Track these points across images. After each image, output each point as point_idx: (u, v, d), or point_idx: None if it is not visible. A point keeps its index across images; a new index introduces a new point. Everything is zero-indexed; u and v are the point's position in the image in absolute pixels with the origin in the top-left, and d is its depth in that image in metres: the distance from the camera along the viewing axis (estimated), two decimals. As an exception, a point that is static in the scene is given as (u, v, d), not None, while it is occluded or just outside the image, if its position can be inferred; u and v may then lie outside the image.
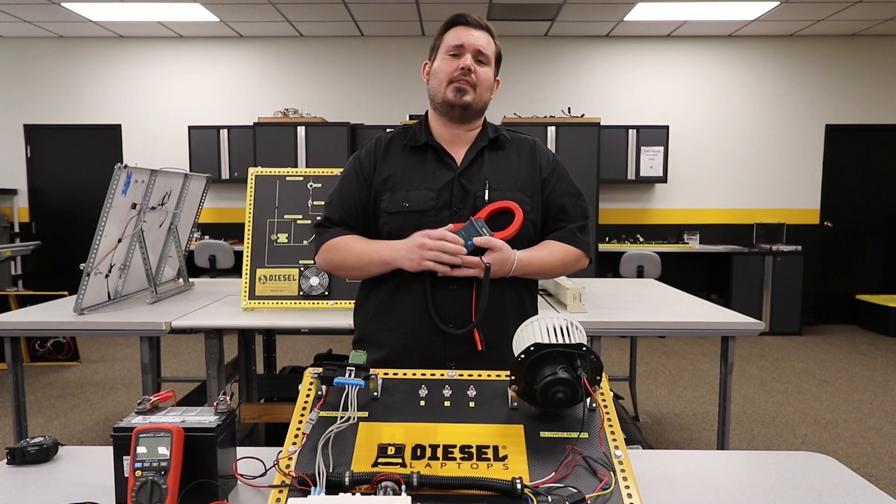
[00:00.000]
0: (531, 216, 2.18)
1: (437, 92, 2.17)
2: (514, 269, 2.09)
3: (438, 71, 2.17)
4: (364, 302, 2.27)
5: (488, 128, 2.27)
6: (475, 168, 2.19)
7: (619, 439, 1.40)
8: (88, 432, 5.16)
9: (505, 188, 2.16)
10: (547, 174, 2.26)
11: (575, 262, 2.26)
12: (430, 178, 2.16)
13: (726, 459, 1.74)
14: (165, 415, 1.45)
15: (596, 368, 1.45)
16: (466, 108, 2.14)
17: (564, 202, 2.26)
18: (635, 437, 4.42)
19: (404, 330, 2.13)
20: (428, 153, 2.22)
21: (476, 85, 2.14)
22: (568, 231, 2.24)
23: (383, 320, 2.17)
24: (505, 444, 1.40)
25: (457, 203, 2.14)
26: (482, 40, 2.15)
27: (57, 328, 3.56)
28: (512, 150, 2.27)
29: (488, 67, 2.18)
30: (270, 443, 4.45)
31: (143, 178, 3.80)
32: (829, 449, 4.85)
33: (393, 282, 2.15)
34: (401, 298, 2.14)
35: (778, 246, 8.63)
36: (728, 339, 3.50)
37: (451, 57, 2.15)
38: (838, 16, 8.12)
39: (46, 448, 1.64)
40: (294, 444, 1.39)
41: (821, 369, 7.04)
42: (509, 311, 2.16)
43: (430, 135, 2.23)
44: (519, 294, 2.22)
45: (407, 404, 1.52)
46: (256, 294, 3.71)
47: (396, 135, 2.28)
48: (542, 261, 2.17)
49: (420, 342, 2.11)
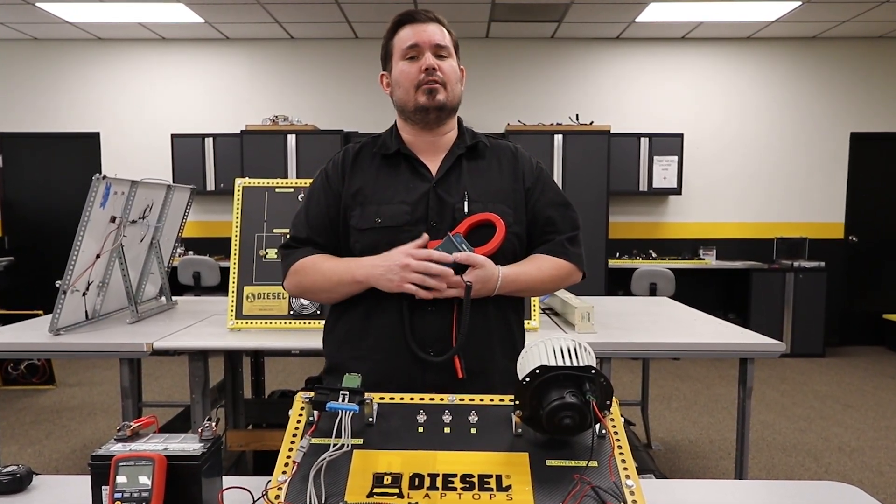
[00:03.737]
0: (514, 229, 2.12)
1: (405, 101, 2.13)
2: (499, 287, 2.03)
3: (401, 78, 2.12)
4: (333, 328, 2.22)
5: (465, 133, 2.24)
6: (453, 178, 2.14)
7: (631, 468, 1.41)
8: (65, 460, 5.15)
9: (486, 199, 2.11)
10: (531, 183, 2.21)
11: (566, 277, 2.20)
12: (404, 191, 2.11)
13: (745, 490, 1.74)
14: (147, 442, 1.45)
15: (606, 392, 1.45)
16: (442, 108, 2.10)
17: (551, 213, 2.20)
18: (648, 466, 4.41)
19: (378, 357, 2.06)
20: (400, 163, 2.17)
21: (445, 82, 2.10)
22: (557, 243, 2.18)
23: (355, 347, 2.12)
24: (509, 474, 1.41)
25: (434, 217, 2.08)
26: (437, 34, 2.12)
27: (31, 350, 3.57)
28: (492, 158, 2.22)
29: (451, 59, 2.14)
30: (259, 472, 4.44)
31: (123, 189, 3.81)
32: (855, 478, 4.84)
33: (364, 304, 2.09)
34: (373, 323, 2.09)
35: (799, 262, 8.63)
36: (746, 362, 3.50)
37: (410, 60, 2.11)
38: (864, 16, 8.14)
39: (20, 477, 1.64)
40: (284, 473, 1.39)
41: (845, 393, 7.03)
42: (494, 334, 2.12)
43: (401, 143, 2.19)
44: (504, 315, 2.17)
45: (404, 431, 1.52)
46: (244, 313, 3.72)
47: (365, 144, 2.24)
48: (530, 276, 2.12)
49: (395, 371, 2.03)
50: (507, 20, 8.34)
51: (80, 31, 8.82)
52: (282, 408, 4.98)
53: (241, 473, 4.28)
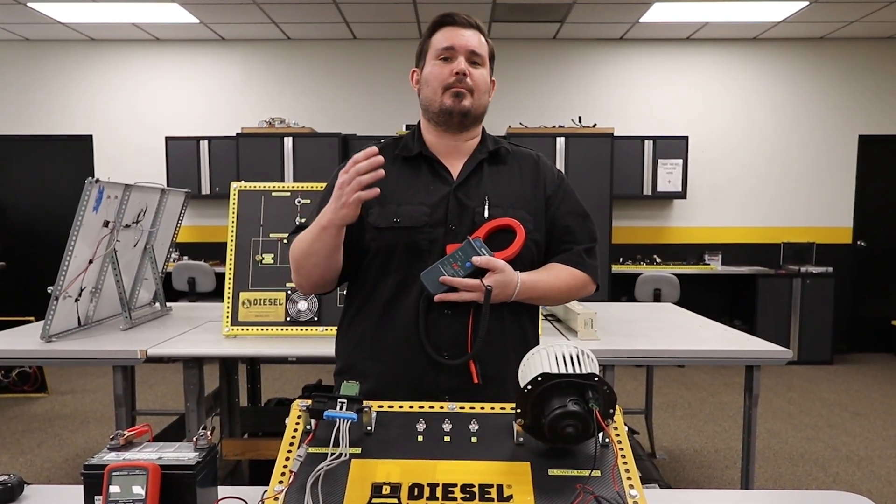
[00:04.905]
0: (534, 236, 2.15)
1: (431, 101, 2.16)
2: (517, 294, 2.06)
3: (430, 78, 2.16)
4: (347, 328, 2.23)
5: (488, 139, 2.27)
6: (473, 182, 2.17)
7: (635, 478, 1.41)
8: (57, 470, 5.15)
9: (506, 205, 2.14)
10: (552, 192, 2.25)
11: (582, 288, 2.24)
12: (424, 192, 2.14)
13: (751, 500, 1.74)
14: (141, 451, 1.45)
15: (609, 400, 1.46)
16: (466, 114, 2.13)
17: (570, 222, 2.24)
18: (652, 476, 4.41)
19: (392, 359, 2.09)
20: (422, 165, 2.20)
21: (473, 89, 2.13)
22: (574, 253, 2.21)
23: (369, 348, 2.14)
24: (510, 483, 1.41)
25: (453, 220, 2.11)
26: (473, 40, 2.15)
27: (22, 357, 3.57)
28: (514, 165, 2.26)
29: (483, 69, 2.17)
30: (255, 481, 4.43)
31: (117, 193, 3.81)
32: (863, 488, 4.84)
33: (380, 306, 2.12)
34: (389, 324, 2.10)
35: (807, 267, 8.64)
36: (753, 369, 3.51)
37: (443, 61, 2.14)
38: (873, 17, 8.14)
39: (11, 487, 1.64)
40: (280, 482, 1.39)
41: (854, 401, 7.03)
42: (509, 341, 2.13)
43: (423, 145, 2.22)
44: (520, 322, 2.19)
45: (403, 440, 1.52)
46: (239, 320, 3.72)
47: (387, 145, 2.26)
48: (547, 285, 2.15)
49: (410, 373, 2.06)
50: (509, 20, 8.35)
51: (73, 31, 8.83)
52: (278, 416, 4.96)
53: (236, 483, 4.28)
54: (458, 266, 2.00)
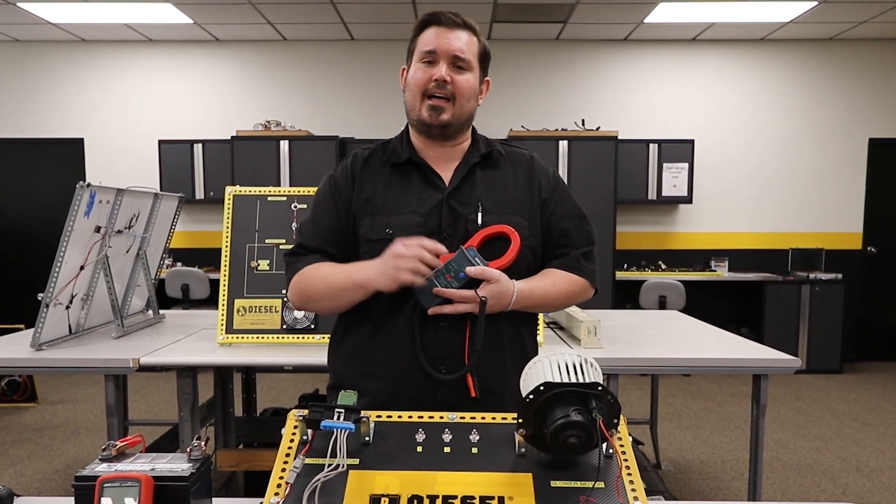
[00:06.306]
0: (529, 242, 2.14)
1: (411, 107, 2.16)
2: (514, 303, 2.04)
3: (412, 82, 2.15)
4: (339, 342, 2.22)
5: (480, 141, 2.25)
6: (466, 188, 2.15)
7: (639, 489, 1.41)
8: (47, 481, 5.15)
9: (500, 210, 2.13)
10: (547, 194, 2.23)
11: (580, 293, 2.22)
12: (416, 201, 2.13)
13: (758, 512, 1.74)
14: (133, 462, 1.45)
15: (613, 410, 1.45)
16: (445, 127, 2.12)
17: (567, 225, 2.22)
18: (657, 487, 4.40)
19: (387, 374, 2.07)
20: (412, 172, 2.18)
21: (454, 97, 2.11)
22: (571, 258, 2.20)
23: (363, 364, 2.12)
24: (511, 495, 1.41)
25: (446, 228, 2.10)
26: (459, 42, 2.11)
27: (12, 365, 3.56)
28: (507, 167, 2.24)
29: (469, 73, 2.14)
30: (250, 493, 4.43)
31: (109, 198, 3.81)
32: (873, 500, 4.84)
33: (373, 319, 2.10)
34: (383, 338, 2.09)
35: (816, 274, 8.63)
36: (760, 378, 3.51)
37: (426, 65, 2.12)
38: (884, 17, 8.14)
39: (0, 499, 1.64)
40: (276, 494, 1.39)
41: (863, 411, 7.03)
42: (507, 351, 2.12)
43: (413, 150, 2.20)
44: (518, 331, 2.18)
45: (402, 450, 1.52)
46: (234, 327, 3.72)
47: (374, 151, 2.25)
48: (544, 292, 2.13)
49: (405, 388, 2.03)
50: (510, 21, 8.36)
51: (64, 32, 8.83)
52: (274, 426, 4.97)
53: (231, 495, 4.29)
54: (452, 277, 1.97)
